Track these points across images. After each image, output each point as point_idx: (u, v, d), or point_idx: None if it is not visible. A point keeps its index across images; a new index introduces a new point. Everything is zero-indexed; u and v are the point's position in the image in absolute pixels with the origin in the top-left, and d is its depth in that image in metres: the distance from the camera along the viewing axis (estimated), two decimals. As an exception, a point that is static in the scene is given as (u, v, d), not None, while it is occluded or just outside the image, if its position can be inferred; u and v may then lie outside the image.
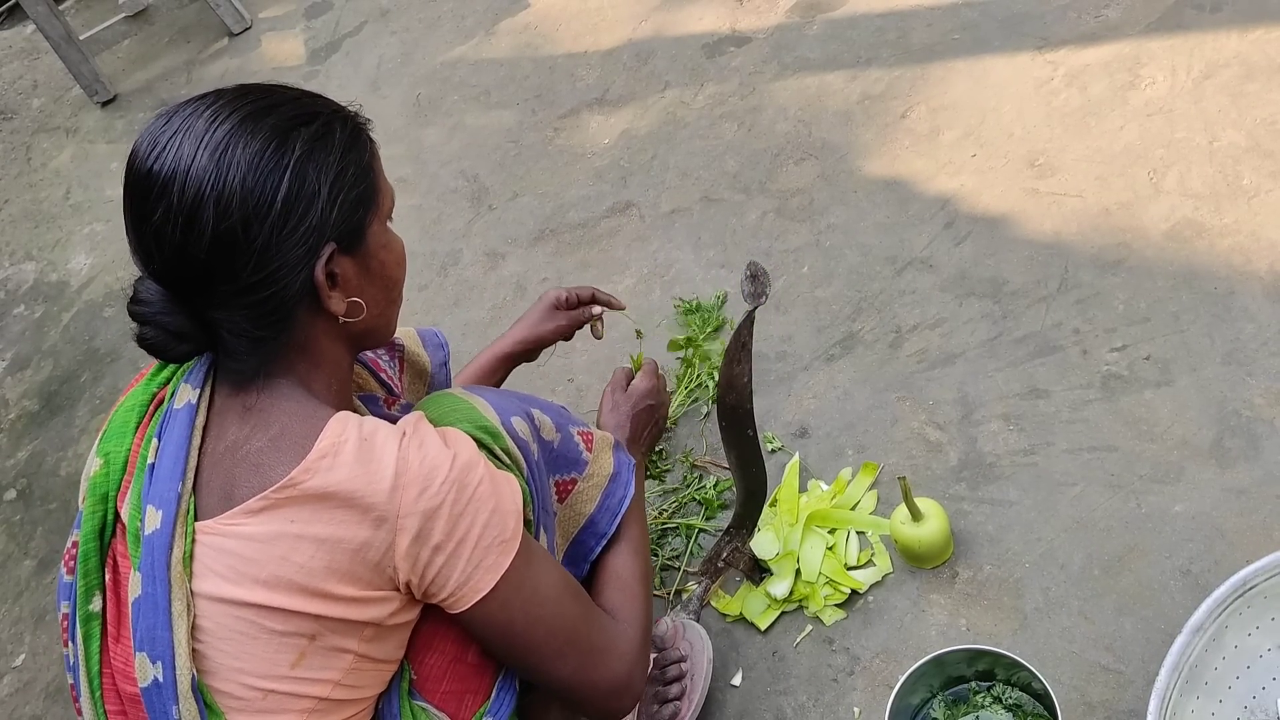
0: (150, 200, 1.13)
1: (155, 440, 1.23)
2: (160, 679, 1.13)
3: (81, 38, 3.79)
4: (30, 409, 2.87)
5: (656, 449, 2.00)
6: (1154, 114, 2.14)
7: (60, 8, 3.90)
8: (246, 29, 3.89)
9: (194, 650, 1.15)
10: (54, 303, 3.16)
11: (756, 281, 1.52)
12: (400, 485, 1.14)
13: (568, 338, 1.84)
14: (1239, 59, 2.15)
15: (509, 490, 1.24)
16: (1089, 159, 2.13)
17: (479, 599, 1.21)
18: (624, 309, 1.85)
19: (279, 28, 3.84)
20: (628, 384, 1.73)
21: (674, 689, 1.64)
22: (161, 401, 1.28)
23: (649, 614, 1.44)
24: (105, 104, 3.87)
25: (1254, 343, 1.75)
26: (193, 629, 1.15)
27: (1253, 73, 2.11)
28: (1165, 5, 2.32)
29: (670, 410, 2.04)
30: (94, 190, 3.52)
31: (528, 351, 1.83)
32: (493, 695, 1.31)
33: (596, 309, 1.82)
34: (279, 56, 3.71)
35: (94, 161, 3.65)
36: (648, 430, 1.71)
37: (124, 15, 3.82)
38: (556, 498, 1.42)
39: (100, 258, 3.21)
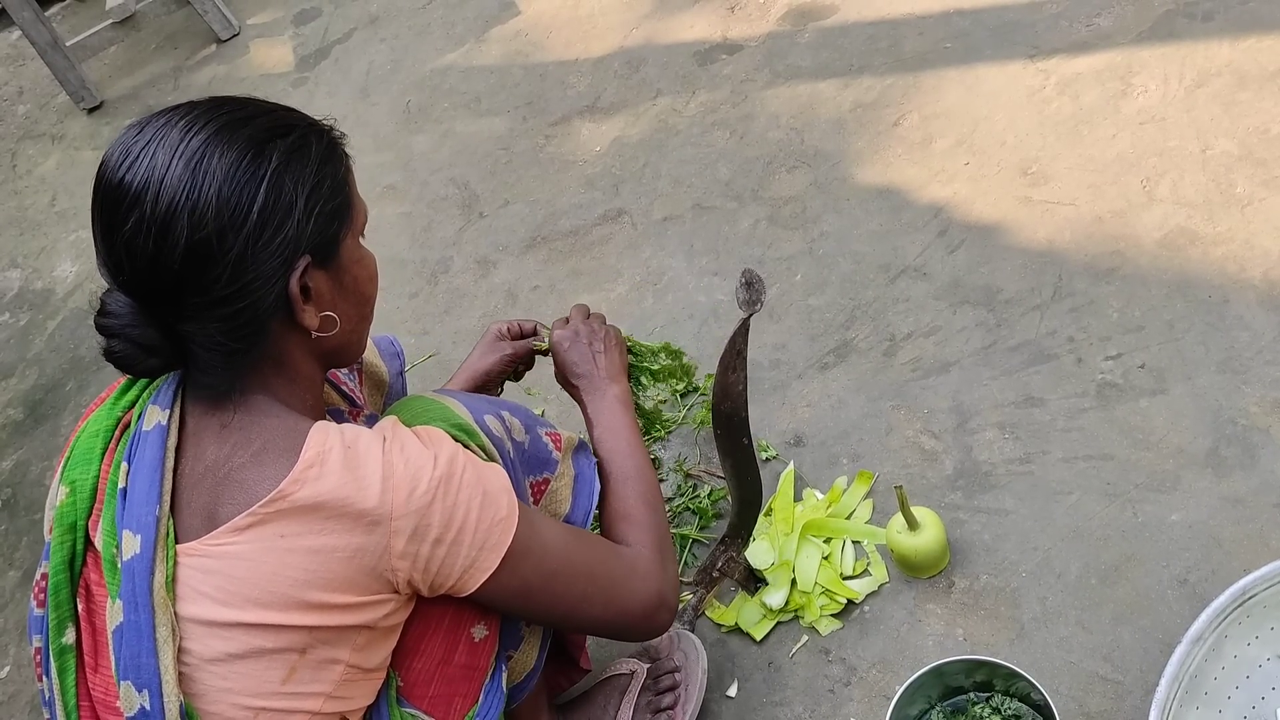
0: (121, 210, 1.11)
1: (125, 464, 1.21)
2: (148, 707, 1.11)
3: (68, 44, 3.76)
4: (15, 418, 2.84)
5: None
6: (1146, 122, 2.14)
7: (47, 13, 3.88)
8: (234, 35, 3.87)
9: (180, 674, 1.13)
10: (39, 310, 3.13)
11: (751, 289, 1.51)
12: (389, 488, 1.14)
13: (517, 376, 1.75)
14: (1231, 68, 2.15)
15: (494, 472, 1.24)
16: (1082, 167, 2.13)
17: (489, 576, 1.21)
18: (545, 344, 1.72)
19: (267, 34, 3.82)
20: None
21: (668, 699, 1.63)
22: (128, 425, 1.26)
23: (660, 531, 1.44)
24: (92, 110, 3.85)
25: (1249, 351, 1.75)
26: (179, 652, 1.13)
27: (1245, 81, 2.12)
28: (1157, 14, 2.33)
29: (666, 418, 2.03)
30: (80, 197, 3.49)
31: (477, 390, 1.74)
32: (481, 698, 1.31)
33: (543, 343, 1.70)
34: (267, 63, 3.69)
35: (80, 168, 3.62)
36: (595, 360, 1.59)
37: (111, 21, 3.79)
38: (532, 499, 1.42)
39: (86, 265, 3.18)
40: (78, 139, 3.77)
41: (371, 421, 1.31)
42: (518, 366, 1.75)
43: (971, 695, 1.50)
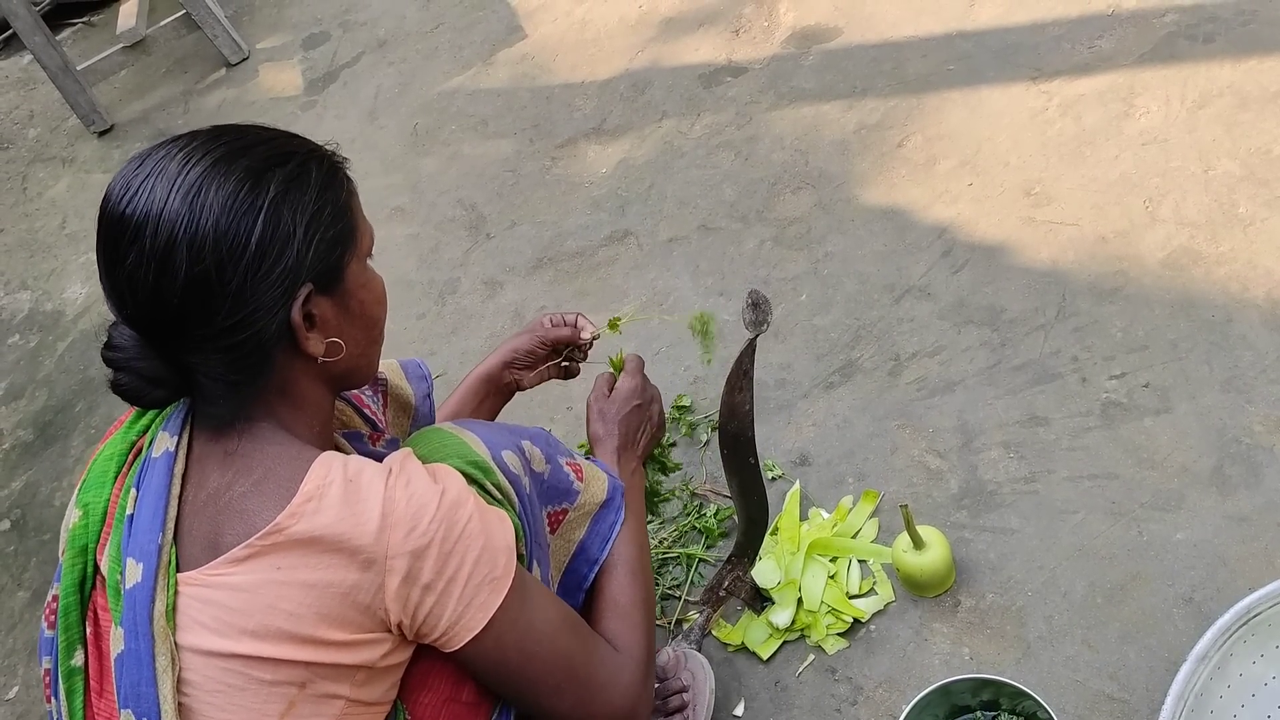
0: (123, 245, 1.12)
1: (134, 490, 1.21)
2: None
3: (79, 68, 3.80)
4: (25, 439, 2.85)
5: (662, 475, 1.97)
6: (1149, 143, 2.16)
7: (58, 38, 3.91)
8: (244, 59, 3.90)
9: (180, 704, 1.12)
10: (49, 332, 3.15)
11: (758, 309, 1.52)
12: (387, 526, 1.12)
13: (566, 374, 1.73)
14: (1232, 89, 2.17)
15: (499, 526, 1.22)
16: (1085, 188, 2.14)
17: (472, 637, 1.19)
18: (596, 335, 1.71)
19: (276, 58, 3.85)
20: (610, 390, 1.61)
21: (676, 719, 1.63)
22: (140, 450, 1.26)
23: (651, 640, 1.41)
24: (102, 134, 3.88)
25: (1252, 370, 1.76)
26: (179, 683, 1.12)
27: (1246, 102, 2.13)
28: (1158, 36, 2.35)
29: (667, 436, 2.02)
30: (90, 220, 3.48)
31: (508, 366, 1.72)
32: None
33: (586, 333, 1.69)
34: (276, 87, 3.72)
35: (90, 191, 3.65)
36: (641, 433, 1.61)
37: (121, 45, 3.83)
38: (549, 529, 1.41)
39: (95, 287, 3.21)
40: (88, 162, 3.80)
41: (392, 446, 1.30)
42: (560, 362, 1.71)
43: (978, 714, 1.51)
